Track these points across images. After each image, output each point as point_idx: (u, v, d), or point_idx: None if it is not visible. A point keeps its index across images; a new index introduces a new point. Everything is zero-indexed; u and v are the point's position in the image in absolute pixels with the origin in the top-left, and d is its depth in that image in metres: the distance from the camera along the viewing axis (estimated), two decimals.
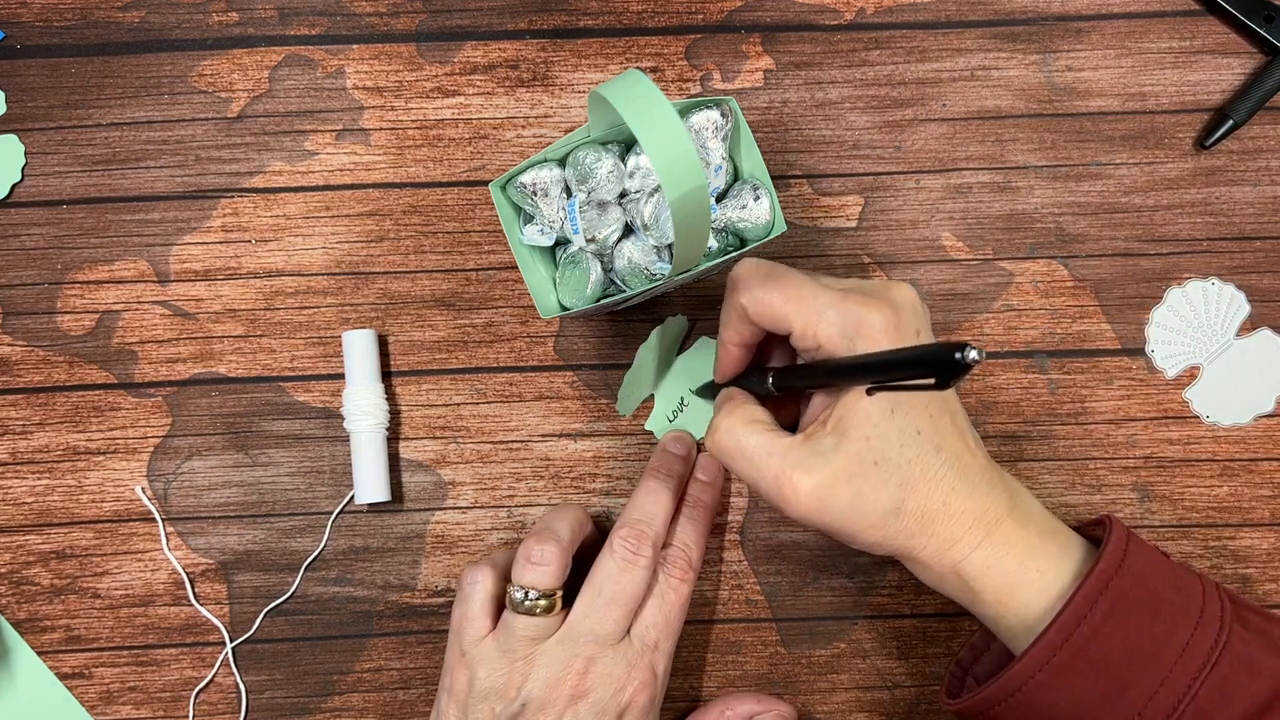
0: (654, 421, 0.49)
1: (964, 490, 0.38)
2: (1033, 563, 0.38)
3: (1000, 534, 0.38)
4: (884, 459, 0.37)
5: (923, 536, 0.38)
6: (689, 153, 0.35)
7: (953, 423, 0.38)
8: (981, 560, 0.38)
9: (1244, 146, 0.50)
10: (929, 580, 0.39)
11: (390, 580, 0.48)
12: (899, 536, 0.38)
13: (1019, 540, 0.38)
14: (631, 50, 0.50)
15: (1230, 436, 0.49)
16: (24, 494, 0.48)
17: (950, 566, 0.38)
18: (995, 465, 0.39)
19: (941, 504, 0.38)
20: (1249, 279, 0.49)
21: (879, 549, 0.38)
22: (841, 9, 0.50)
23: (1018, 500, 0.39)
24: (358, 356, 0.47)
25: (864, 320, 0.37)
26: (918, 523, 0.38)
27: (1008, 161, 0.49)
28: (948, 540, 0.38)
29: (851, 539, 0.38)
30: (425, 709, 0.48)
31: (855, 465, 0.37)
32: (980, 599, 0.38)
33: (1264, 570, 0.48)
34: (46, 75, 0.49)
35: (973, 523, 0.38)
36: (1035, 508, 0.40)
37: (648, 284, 0.43)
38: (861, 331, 0.37)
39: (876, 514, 0.37)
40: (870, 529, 0.37)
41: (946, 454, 0.38)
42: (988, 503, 0.38)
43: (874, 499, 0.37)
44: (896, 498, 0.37)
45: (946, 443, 0.38)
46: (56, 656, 0.48)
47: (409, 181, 0.49)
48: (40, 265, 0.49)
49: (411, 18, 0.50)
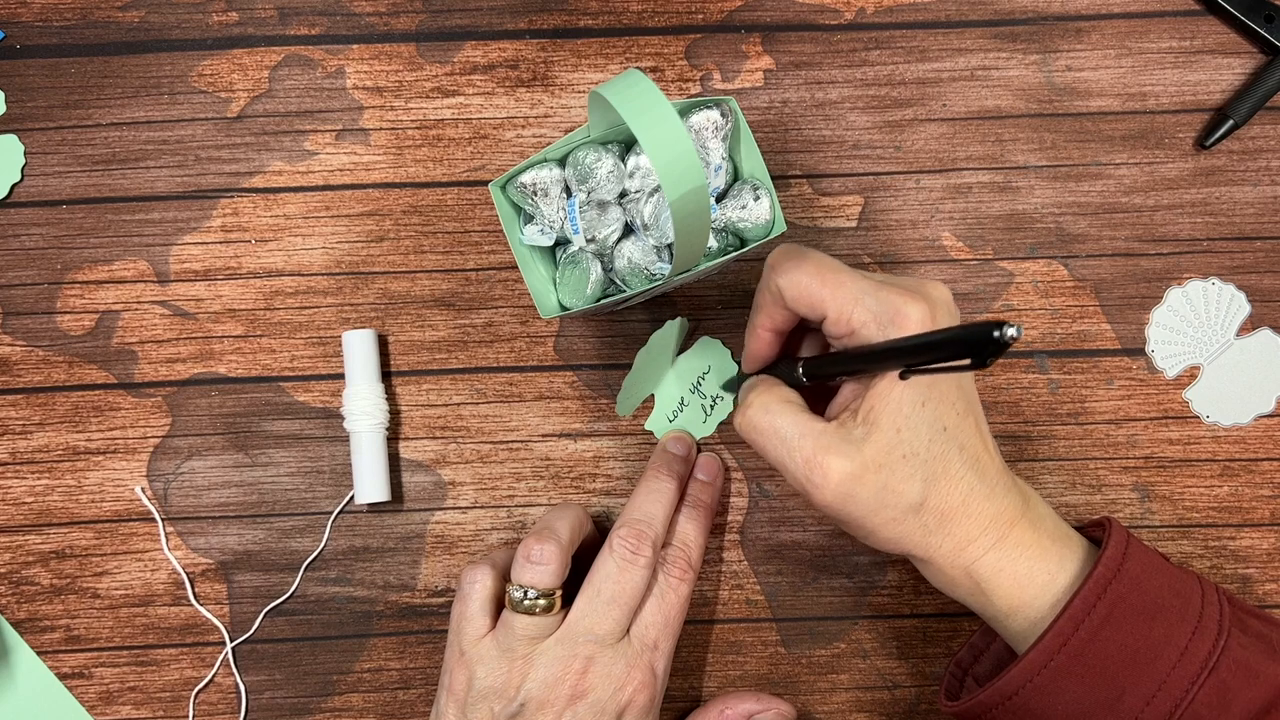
0: (654, 421, 0.49)
1: (983, 491, 0.38)
2: (1043, 565, 0.38)
3: (1014, 536, 0.38)
4: (912, 453, 0.37)
5: (940, 534, 0.38)
6: (689, 153, 0.35)
7: (976, 425, 0.38)
8: (994, 562, 0.38)
9: (1244, 146, 0.50)
10: (939, 582, 0.39)
11: (390, 580, 0.48)
12: (916, 533, 0.38)
13: (1032, 543, 0.38)
14: (631, 50, 0.50)
15: (1230, 436, 0.49)
16: (24, 494, 0.48)
17: (963, 568, 0.38)
18: (1009, 469, 0.40)
19: (961, 503, 0.38)
20: (1249, 279, 0.49)
21: (894, 546, 0.38)
22: (841, 9, 0.50)
23: (1031, 504, 0.39)
24: (357, 356, 0.47)
25: (901, 310, 0.37)
26: (937, 520, 0.38)
27: (1008, 161, 0.49)
28: (964, 540, 0.38)
29: (870, 533, 0.38)
30: (425, 709, 0.48)
31: (885, 456, 0.37)
32: (991, 601, 0.38)
33: (1264, 570, 0.48)
34: (46, 75, 0.49)
35: (989, 524, 0.38)
36: (1047, 512, 0.40)
37: (648, 284, 0.43)
38: (897, 321, 0.37)
39: (900, 508, 0.37)
40: (891, 523, 0.37)
41: (968, 454, 0.38)
42: (1004, 505, 0.38)
43: (900, 492, 0.37)
44: (920, 493, 0.37)
45: (969, 443, 0.38)
46: (56, 656, 0.48)
47: (409, 181, 0.49)
48: (40, 265, 0.49)
49: (411, 18, 0.50)
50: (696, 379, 0.49)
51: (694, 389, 0.49)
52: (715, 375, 0.49)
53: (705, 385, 0.49)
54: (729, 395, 0.48)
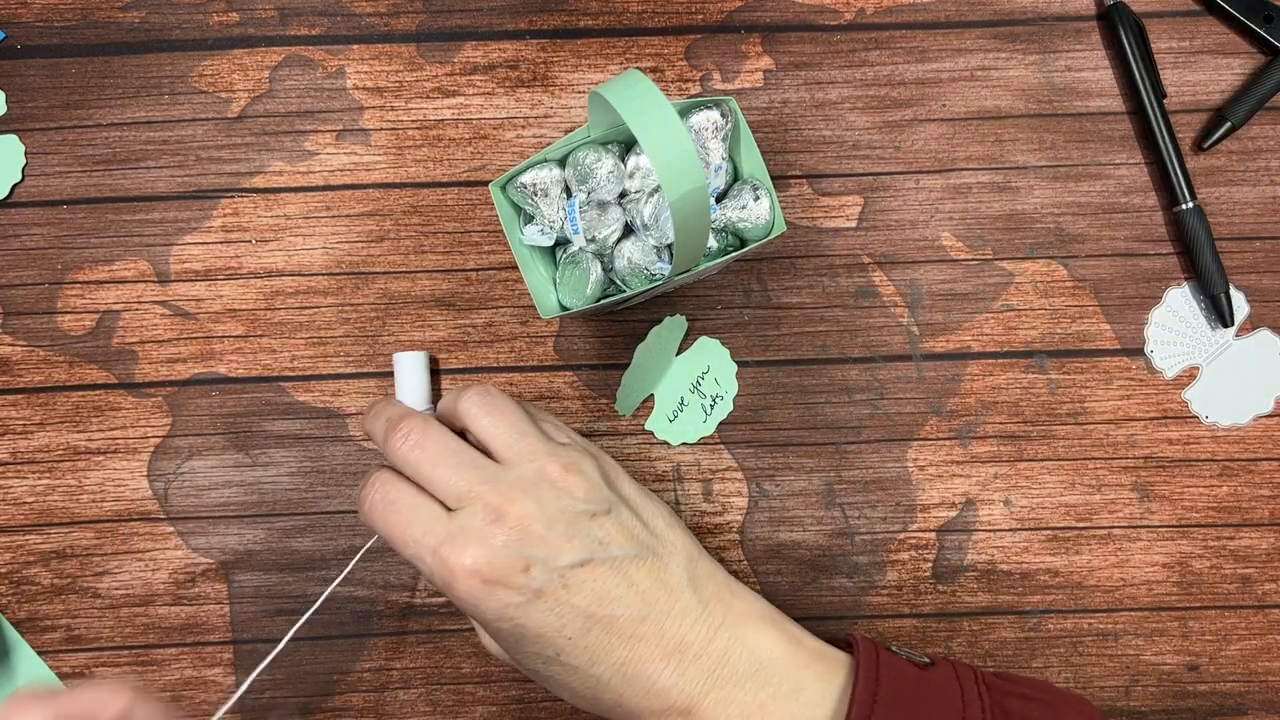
0: (654, 421, 0.49)
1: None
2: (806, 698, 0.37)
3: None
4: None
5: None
6: (689, 153, 0.35)
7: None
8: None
9: (1244, 147, 0.50)
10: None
11: (390, 580, 0.48)
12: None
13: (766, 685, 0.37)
14: (631, 50, 0.50)
15: (1229, 437, 0.49)
16: (24, 494, 0.48)
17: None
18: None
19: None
20: (1249, 279, 0.49)
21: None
22: (841, 9, 0.50)
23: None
24: (406, 380, 0.47)
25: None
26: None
27: (1007, 161, 0.49)
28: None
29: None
30: (425, 709, 0.48)
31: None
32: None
33: (1263, 570, 0.48)
34: (46, 75, 0.49)
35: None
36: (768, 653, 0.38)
37: (648, 284, 0.43)
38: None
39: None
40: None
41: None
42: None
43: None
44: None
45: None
46: (57, 656, 0.48)
47: (409, 181, 0.49)
48: (40, 265, 0.49)
49: (411, 18, 0.50)
50: (696, 379, 0.49)
51: (694, 389, 0.49)
52: (715, 375, 0.49)
53: (705, 385, 0.49)
54: (729, 395, 0.49)
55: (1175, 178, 0.48)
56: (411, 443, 0.38)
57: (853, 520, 0.48)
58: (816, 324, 0.49)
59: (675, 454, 0.49)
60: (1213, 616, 0.48)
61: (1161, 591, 0.48)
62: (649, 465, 0.48)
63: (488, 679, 0.48)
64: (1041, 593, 0.48)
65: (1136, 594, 0.48)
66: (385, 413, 0.40)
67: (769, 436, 0.49)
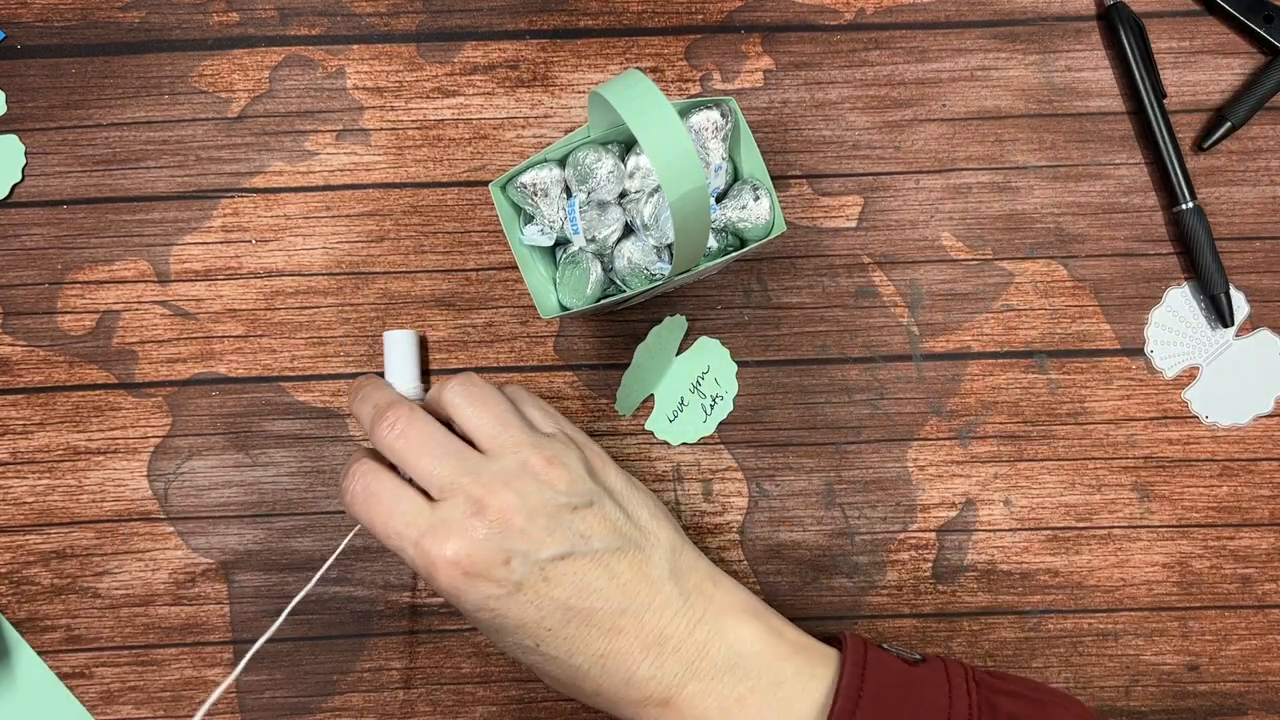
0: (654, 421, 0.49)
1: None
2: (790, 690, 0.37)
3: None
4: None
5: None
6: (689, 153, 0.35)
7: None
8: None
9: (1244, 147, 0.50)
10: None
11: (390, 580, 0.48)
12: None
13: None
14: (631, 50, 0.50)
15: (1229, 437, 0.49)
16: (24, 494, 0.48)
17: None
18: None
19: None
20: (1249, 279, 0.49)
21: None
22: (841, 9, 0.50)
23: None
24: (397, 357, 0.47)
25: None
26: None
27: (1007, 161, 0.49)
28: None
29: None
30: (425, 709, 0.48)
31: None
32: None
33: (1263, 570, 0.48)
34: (46, 75, 0.49)
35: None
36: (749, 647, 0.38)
37: (648, 284, 0.43)
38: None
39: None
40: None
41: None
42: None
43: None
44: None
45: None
46: (57, 656, 0.48)
47: (409, 181, 0.49)
48: (40, 265, 0.49)
49: (411, 18, 0.50)
50: (696, 379, 0.49)
51: (694, 389, 0.49)
52: (715, 375, 0.49)
53: (705, 385, 0.49)
54: (729, 395, 0.49)
55: (1175, 178, 0.48)
56: (397, 432, 0.38)
57: (853, 520, 0.48)
58: (816, 324, 0.49)
59: (675, 454, 0.49)
60: (1213, 616, 0.48)
61: (1161, 591, 0.48)
62: (649, 465, 0.48)
63: (488, 679, 0.48)
64: (1041, 593, 0.48)
65: (1136, 594, 0.48)
66: (373, 398, 0.40)
67: (769, 436, 0.49)
